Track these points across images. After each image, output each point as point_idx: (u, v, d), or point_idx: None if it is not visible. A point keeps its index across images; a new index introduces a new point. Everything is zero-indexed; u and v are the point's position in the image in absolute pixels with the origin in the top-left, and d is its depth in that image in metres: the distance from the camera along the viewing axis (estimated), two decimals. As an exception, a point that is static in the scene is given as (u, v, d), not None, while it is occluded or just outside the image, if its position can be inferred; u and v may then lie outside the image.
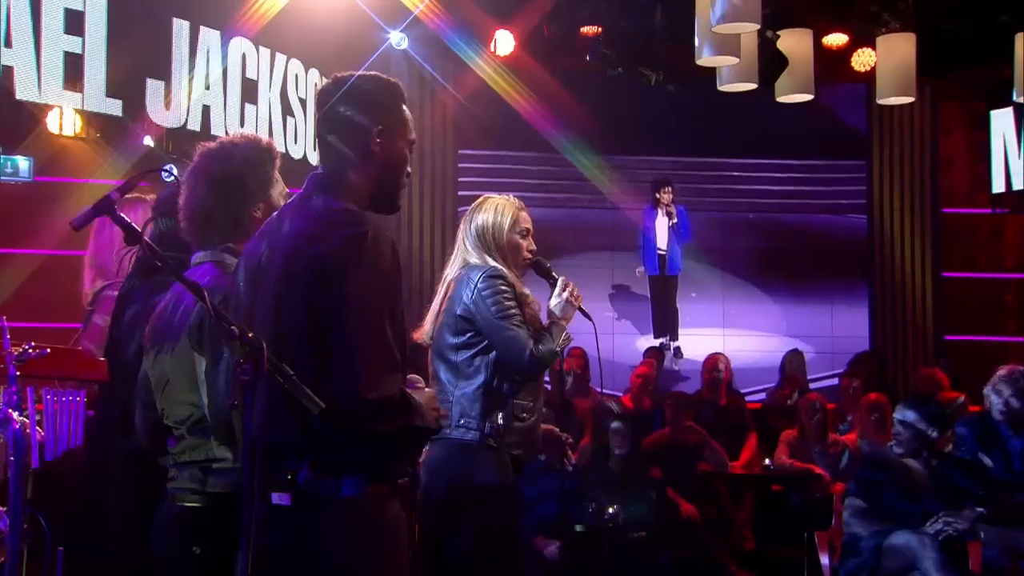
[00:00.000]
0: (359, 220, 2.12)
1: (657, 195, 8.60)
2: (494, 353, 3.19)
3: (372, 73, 2.29)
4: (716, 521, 6.27)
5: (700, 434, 6.47)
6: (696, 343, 8.37)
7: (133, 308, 2.75)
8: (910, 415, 4.64)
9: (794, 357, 7.68)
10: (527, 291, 3.34)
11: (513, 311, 3.19)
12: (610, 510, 5.55)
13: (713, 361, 7.13)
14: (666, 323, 8.65)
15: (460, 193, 7.88)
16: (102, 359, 2.83)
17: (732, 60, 4.82)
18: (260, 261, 2.18)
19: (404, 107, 2.29)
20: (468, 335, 3.21)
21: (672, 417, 6.47)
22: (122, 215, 1.97)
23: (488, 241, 3.31)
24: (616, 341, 8.35)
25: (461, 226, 3.40)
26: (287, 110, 6.16)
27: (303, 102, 6.27)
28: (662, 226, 8.56)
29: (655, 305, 8.67)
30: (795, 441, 6.41)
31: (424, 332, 3.34)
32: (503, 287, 3.21)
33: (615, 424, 5.88)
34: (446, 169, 7.98)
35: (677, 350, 8.66)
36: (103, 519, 2.74)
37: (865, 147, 8.71)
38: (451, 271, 3.36)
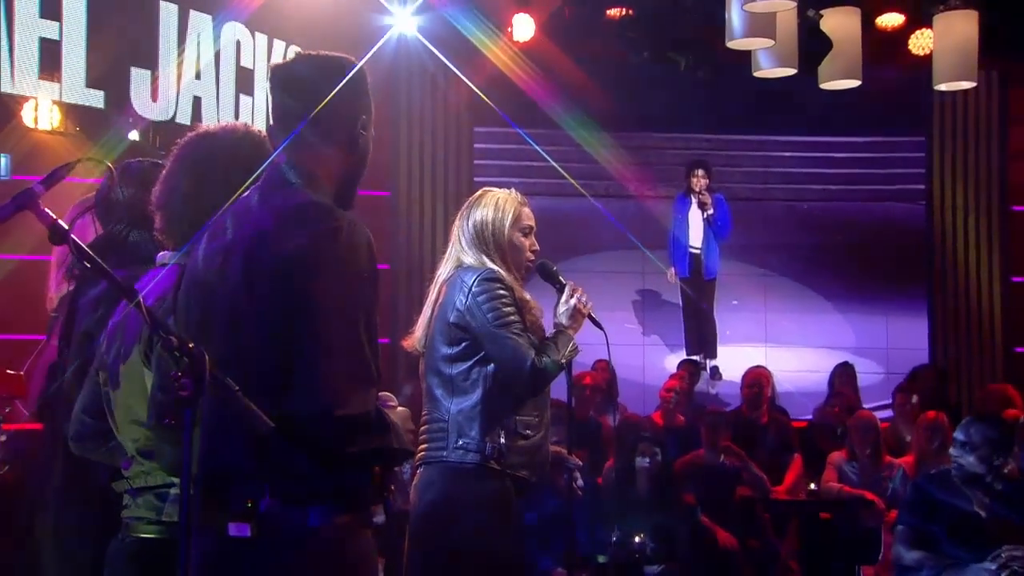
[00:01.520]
0: (331, 215, 2.06)
1: (690, 180, 8.05)
2: (492, 364, 3.12)
3: (341, 56, 2.23)
4: (757, 553, 6.18)
5: (739, 455, 6.38)
6: (735, 361, 7.96)
7: (84, 323, 2.68)
8: (972, 435, 4.53)
9: (844, 371, 7.57)
10: (528, 296, 3.27)
11: (512, 318, 3.13)
12: (636, 539, 5.49)
13: (754, 375, 7.03)
14: (702, 338, 8.19)
15: (476, 179, 7.72)
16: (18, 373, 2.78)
17: (767, 42, 4.72)
18: (216, 263, 2.13)
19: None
20: (463, 345, 3.15)
21: (708, 436, 6.38)
22: (46, 210, 1.91)
23: (487, 240, 3.25)
24: (647, 358, 8.15)
25: (456, 222, 3.34)
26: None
27: None
28: (696, 218, 8.07)
29: (688, 316, 8.23)
30: (845, 464, 6.32)
31: (415, 340, 3.28)
32: (500, 291, 3.14)
33: (642, 444, 5.79)
34: (460, 163, 7.92)
35: (715, 370, 8.26)
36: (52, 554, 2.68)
37: (924, 132, 8.52)
38: (443, 271, 3.29)
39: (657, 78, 7.33)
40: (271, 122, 2.20)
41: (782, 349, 8.37)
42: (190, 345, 1.84)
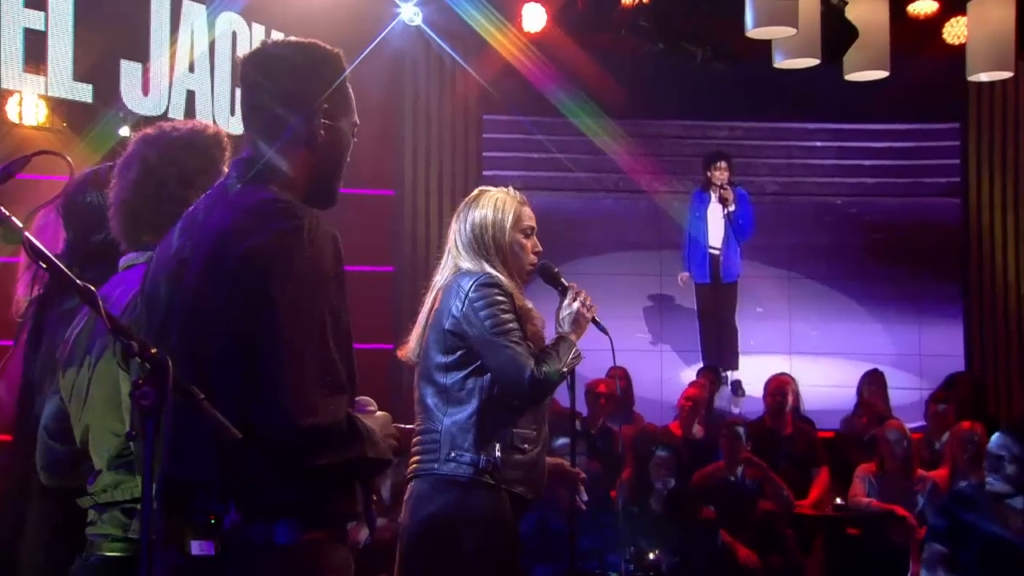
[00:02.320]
0: (293, 212, 2.03)
1: (708, 173, 7.74)
2: (489, 374, 3.09)
3: (311, 41, 2.21)
4: (780, 571, 6.15)
5: (761, 468, 6.35)
6: (759, 374, 7.70)
7: (47, 339, 2.65)
8: (1009, 446, 4.45)
9: (873, 378, 7.50)
10: (530, 304, 3.24)
11: (511, 325, 3.10)
12: (651, 556, 5.49)
13: (777, 383, 6.97)
14: (721, 348, 7.95)
15: (486, 173, 7.72)
16: None
17: (788, 31, 4.67)
18: (175, 264, 2.11)
19: (348, 84, 2.21)
20: (459, 353, 3.12)
21: (728, 448, 6.36)
22: None
23: (486, 242, 3.21)
24: (665, 371, 7.99)
25: (453, 224, 3.30)
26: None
27: None
28: (715, 216, 7.82)
29: (704, 324, 7.97)
30: (874, 477, 6.28)
31: (409, 349, 3.26)
32: (499, 296, 3.11)
33: (659, 454, 5.75)
34: (468, 161, 7.89)
35: (736, 385, 8.04)
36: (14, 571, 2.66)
37: (959, 120, 8.39)
38: (440, 278, 3.26)
39: (673, 69, 7.21)
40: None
41: (807, 361, 8.22)
42: (152, 351, 1.81)
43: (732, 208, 7.76)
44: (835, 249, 8.47)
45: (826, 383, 8.05)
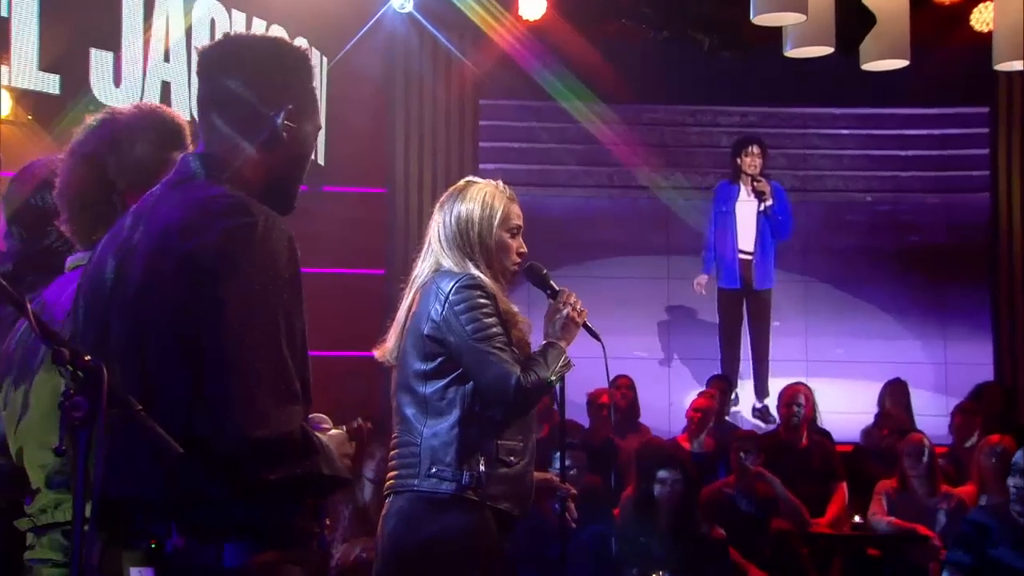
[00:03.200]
0: (245, 208, 2.01)
1: (738, 160, 7.24)
2: (472, 383, 3.04)
3: (275, 37, 2.24)
4: (794, 593, 6.12)
5: (774, 483, 6.29)
6: (772, 386, 7.58)
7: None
8: (1035, 461, 4.42)
9: (895, 388, 7.47)
10: (515, 308, 3.19)
11: (494, 330, 3.05)
12: (656, 577, 5.38)
13: (792, 392, 6.89)
14: (749, 368, 7.50)
15: (482, 166, 7.61)
16: None
17: (798, 18, 4.64)
18: (116, 264, 2.08)
19: (314, 85, 2.22)
20: (439, 360, 3.07)
21: (738, 461, 6.29)
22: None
23: (471, 240, 3.16)
24: (672, 381, 7.84)
25: (435, 216, 3.23)
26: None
27: None
28: (747, 212, 7.39)
29: (726, 336, 7.49)
30: (895, 493, 6.23)
31: (387, 350, 3.20)
32: (481, 299, 3.06)
33: (663, 470, 5.69)
34: (463, 153, 7.83)
35: (764, 412, 7.70)
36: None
37: (987, 105, 8.27)
38: (419, 272, 3.20)
39: (679, 57, 7.09)
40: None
41: (824, 369, 8.09)
42: (86, 358, 1.77)
43: (769, 203, 7.30)
44: (858, 252, 8.33)
45: (844, 393, 7.96)
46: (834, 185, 8.17)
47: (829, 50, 5.15)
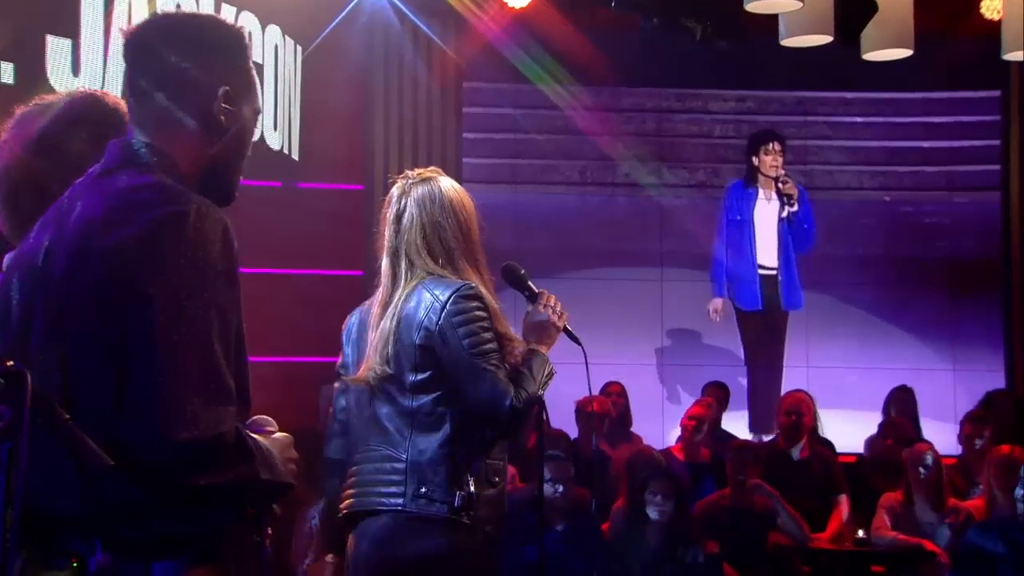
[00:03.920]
0: (176, 197, 1.97)
1: (755, 159, 6.80)
2: (463, 399, 2.99)
3: (210, 15, 2.23)
4: (793, 612, 6.12)
5: (772, 496, 6.26)
6: None
7: None
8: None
9: (901, 395, 7.45)
10: (511, 328, 3.12)
11: (491, 345, 2.99)
12: (646, 595, 5.38)
13: (792, 400, 6.88)
14: (753, 401, 7.10)
15: (465, 160, 7.60)
16: None
17: (791, 5, 4.62)
18: (39, 260, 2.04)
19: (252, 65, 2.18)
20: (428, 373, 2.99)
21: (734, 473, 6.26)
22: None
23: (457, 241, 3.08)
24: (667, 387, 7.82)
25: (412, 210, 3.09)
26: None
27: (259, 68, 6.19)
28: (768, 218, 6.96)
29: (755, 367, 6.99)
30: (900, 507, 6.20)
31: (368, 369, 3.05)
32: (480, 312, 3.00)
33: (653, 482, 5.67)
34: (446, 147, 7.78)
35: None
36: None
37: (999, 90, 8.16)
38: (401, 278, 3.07)
39: (672, 47, 6.93)
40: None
41: (826, 375, 8.00)
42: (8, 364, 1.72)
43: (795, 208, 6.83)
44: (860, 254, 8.22)
45: (847, 401, 7.92)
46: (847, 182, 7.91)
47: (828, 39, 5.15)
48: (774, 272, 6.96)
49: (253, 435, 1.99)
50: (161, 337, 1.87)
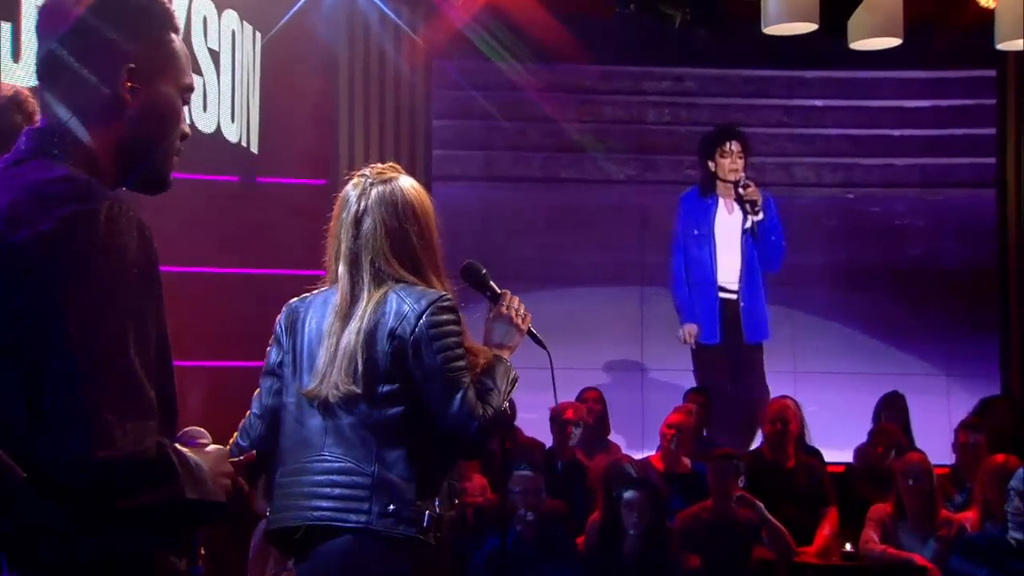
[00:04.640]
0: (86, 193, 1.91)
1: (711, 163, 6.40)
2: (431, 412, 2.96)
3: None
4: (777, 630, 6.14)
5: (756, 507, 6.24)
6: None
7: None
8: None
9: (892, 402, 7.48)
10: (478, 343, 3.12)
11: (462, 362, 2.98)
12: (622, 613, 5.39)
13: (778, 407, 6.88)
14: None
15: (436, 152, 7.54)
16: None
17: (774, -10, 4.61)
18: None
19: (174, 36, 2.11)
20: (397, 384, 2.96)
21: (716, 484, 6.24)
22: None
23: (421, 248, 3.04)
24: (647, 394, 7.74)
25: (373, 213, 3.03)
26: (192, 66, 5.97)
27: (215, 55, 6.13)
28: (729, 230, 6.72)
29: (708, 410, 6.65)
30: (890, 519, 6.19)
31: (331, 381, 2.99)
32: (454, 327, 2.99)
33: (629, 493, 5.62)
34: (415, 139, 7.75)
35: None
36: None
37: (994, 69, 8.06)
38: (360, 284, 3.02)
39: (649, 35, 6.72)
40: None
41: (814, 380, 7.97)
42: None
43: (760, 218, 6.45)
44: (842, 257, 8.14)
45: (835, 408, 7.91)
46: (804, 177, 7.43)
47: (813, 27, 5.16)
48: (734, 295, 6.61)
49: (182, 449, 1.95)
50: (72, 347, 1.83)
